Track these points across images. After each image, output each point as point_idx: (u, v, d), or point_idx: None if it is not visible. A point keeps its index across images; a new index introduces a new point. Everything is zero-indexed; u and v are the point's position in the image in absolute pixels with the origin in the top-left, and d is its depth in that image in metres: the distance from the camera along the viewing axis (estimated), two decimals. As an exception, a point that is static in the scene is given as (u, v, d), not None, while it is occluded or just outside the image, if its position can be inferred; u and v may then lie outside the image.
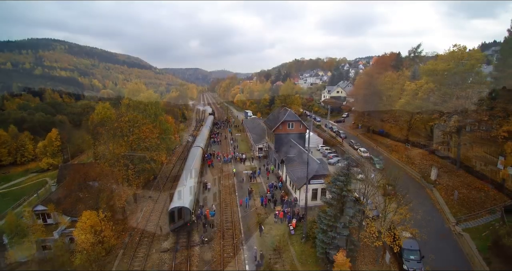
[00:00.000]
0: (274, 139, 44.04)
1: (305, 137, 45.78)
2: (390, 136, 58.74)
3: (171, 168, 47.96)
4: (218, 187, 38.78)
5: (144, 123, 32.32)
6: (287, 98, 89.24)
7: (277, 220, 28.53)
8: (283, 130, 43.79)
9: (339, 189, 20.64)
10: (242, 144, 64.51)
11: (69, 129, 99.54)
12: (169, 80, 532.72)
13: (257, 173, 42.54)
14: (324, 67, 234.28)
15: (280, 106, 48.61)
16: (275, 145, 44.33)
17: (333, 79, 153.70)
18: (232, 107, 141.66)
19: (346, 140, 61.57)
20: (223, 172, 45.41)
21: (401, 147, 52.37)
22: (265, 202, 32.43)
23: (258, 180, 40.97)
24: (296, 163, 36.12)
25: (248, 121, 78.17)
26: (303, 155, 36.44)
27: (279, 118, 44.74)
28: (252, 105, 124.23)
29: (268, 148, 50.89)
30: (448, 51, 41.05)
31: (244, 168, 46.73)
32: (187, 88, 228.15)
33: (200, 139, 54.71)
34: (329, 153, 53.33)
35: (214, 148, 61.17)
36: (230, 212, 31.40)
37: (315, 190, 31.88)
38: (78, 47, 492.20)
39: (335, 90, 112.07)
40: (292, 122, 43.80)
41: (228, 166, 48.26)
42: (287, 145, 43.35)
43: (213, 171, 45.54)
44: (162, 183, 41.28)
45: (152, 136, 32.87)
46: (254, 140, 54.09)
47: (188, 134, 78.84)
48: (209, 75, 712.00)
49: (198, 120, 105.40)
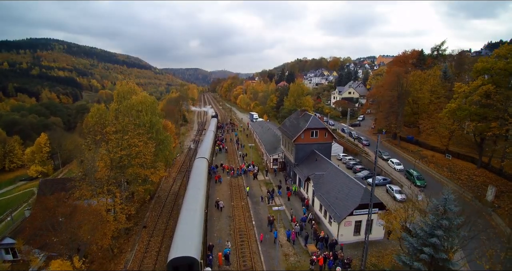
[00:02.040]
0: (295, 150, 36.68)
1: (330, 147, 38.46)
2: (422, 143, 51.35)
3: (171, 184, 40.60)
4: (230, 211, 31.42)
5: (137, 134, 25.06)
6: (297, 99, 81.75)
7: (314, 267, 21.14)
8: (306, 139, 36.45)
9: (432, 248, 13.18)
10: (251, 151, 57.23)
11: (61, 133, 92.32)
12: (169, 80, 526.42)
13: (277, 192, 35.17)
14: (328, 67, 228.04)
15: (300, 110, 41.22)
16: (296, 157, 36.99)
17: (341, 79, 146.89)
18: (235, 109, 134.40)
19: (370, 147, 54.23)
20: (233, 188, 38.06)
21: (439, 158, 44.97)
22: (293, 236, 25.09)
23: (276, 201, 33.62)
24: (328, 184, 28.76)
25: (255, 125, 70.82)
26: (338, 174, 29.10)
27: (300, 125, 37.39)
28: (257, 107, 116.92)
29: (284, 158, 43.55)
30: (506, 46, 33.85)
31: (258, 184, 39.40)
32: (187, 89, 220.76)
33: (204, 147, 47.26)
34: (354, 164, 46.00)
35: (220, 156, 53.86)
36: (248, 251, 24.03)
37: (359, 222, 24.56)
38: (77, 47, 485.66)
39: (346, 90, 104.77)
40: (316, 130, 36.43)
41: (238, 181, 40.92)
42: (312, 157, 36.00)
43: (222, 188, 38.19)
44: (160, 205, 33.92)
45: (146, 150, 25.61)
46: (267, 149, 46.72)
47: (190, 139, 71.51)
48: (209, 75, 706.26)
49: (200, 123, 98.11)
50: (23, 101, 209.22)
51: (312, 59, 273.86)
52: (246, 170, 42.87)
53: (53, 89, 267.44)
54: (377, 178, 40.15)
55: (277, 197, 34.55)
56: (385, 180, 39.85)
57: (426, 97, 55.09)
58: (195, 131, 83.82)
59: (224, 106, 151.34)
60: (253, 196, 35.28)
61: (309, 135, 36.42)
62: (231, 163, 50.23)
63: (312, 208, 30.66)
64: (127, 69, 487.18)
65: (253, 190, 37.34)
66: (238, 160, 51.56)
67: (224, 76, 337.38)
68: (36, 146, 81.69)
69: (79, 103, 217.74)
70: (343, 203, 25.03)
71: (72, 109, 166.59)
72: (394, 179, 40.03)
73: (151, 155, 27.31)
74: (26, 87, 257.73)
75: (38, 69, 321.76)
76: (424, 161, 45.83)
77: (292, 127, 39.93)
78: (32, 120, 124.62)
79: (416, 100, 56.25)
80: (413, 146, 52.56)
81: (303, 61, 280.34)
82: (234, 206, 32.53)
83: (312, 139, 36.67)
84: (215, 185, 39.15)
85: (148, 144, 26.60)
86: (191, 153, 55.83)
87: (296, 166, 36.94)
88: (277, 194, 34.89)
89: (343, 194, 25.95)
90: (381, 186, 38.73)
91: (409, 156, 48.32)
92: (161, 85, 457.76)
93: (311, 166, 34.34)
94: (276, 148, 45.36)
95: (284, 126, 43.30)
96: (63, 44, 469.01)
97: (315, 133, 36.59)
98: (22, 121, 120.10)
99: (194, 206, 24.37)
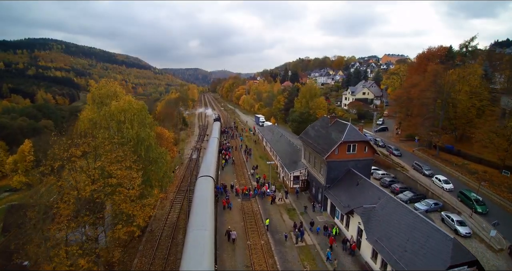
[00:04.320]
0: (326, 168, 28.57)
1: (371, 165, 30.38)
2: (467, 155, 43.27)
3: (168, 209, 32.41)
4: (247, 256, 23.34)
5: (115, 160, 17.09)
6: (309, 101, 73.65)
7: None
8: (340, 155, 28.34)
9: None
10: (262, 162, 49.16)
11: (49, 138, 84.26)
12: (169, 80, 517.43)
13: (307, 229, 26.97)
14: (333, 66, 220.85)
15: (330, 116, 33.04)
16: (327, 178, 28.90)
17: (349, 79, 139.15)
18: (238, 110, 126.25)
19: (402, 159, 46.09)
20: (246, 216, 29.95)
21: (494, 174, 36.88)
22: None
23: (307, 240, 25.50)
24: (385, 223, 20.62)
25: (264, 131, 62.68)
26: (398, 209, 20.94)
27: (333, 137, 29.28)
28: (263, 108, 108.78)
29: (307, 175, 35.42)
30: None
31: (277, 211, 31.24)
32: (187, 89, 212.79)
33: (208, 160, 38.49)
34: (391, 181, 37.85)
35: (227, 170, 45.68)
36: None
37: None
38: (75, 47, 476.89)
39: (360, 91, 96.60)
40: (354, 144, 28.30)
41: (252, 205, 32.80)
42: (349, 179, 27.91)
43: (233, 217, 30.06)
44: (154, 244, 25.79)
45: (130, 181, 17.65)
46: (285, 163, 38.51)
47: (191, 147, 63.38)
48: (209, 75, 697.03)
49: (202, 127, 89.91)
50: (17, 102, 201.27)
51: (315, 58, 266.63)
52: (264, 193, 34.67)
53: (49, 90, 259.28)
54: (427, 201, 32.11)
55: (306, 232, 26.45)
56: (437, 205, 31.78)
57: (466, 99, 47.12)
58: (196, 136, 75.67)
59: (226, 108, 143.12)
60: (274, 230, 27.14)
61: (344, 150, 28.30)
62: (240, 178, 42.12)
63: (359, 254, 22.57)
64: (126, 69, 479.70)
65: (273, 219, 29.21)
66: (248, 175, 43.44)
67: (224, 76, 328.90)
68: (20, 154, 73.80)
69: (75, 105, 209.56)
70: (419, 260, 16.93)
71: (66, 111, 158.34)
72: (446, 203, 32.00)
73: (137, 184, 19.21)
74: (21, 88, 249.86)
75: (34, 69, 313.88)
76: (473, 177, 37.78)
77: (320, 138, 31.78)
78: (21, 124, 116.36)
79: (455, 103, 48.24)
80: (455, 158, 44.43)
81: (305, 60, 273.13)
82: (251, 247, 24.42)
83: (348, 155, 28.55)
84: (223, 212, 31.01)
85: (133, 170, 18.57)
86: (192, 165, 47.72)
87: (328, 189, 28.82)
88: (308, 230, 26.72)
89: (416, 244, 17.85)
90: (433, 212, 30.80)
91: (455, 171, 40.24)
92: (161, 86, 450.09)
93: (351, 191, 26.24)
94: (296, 162, 37.23)
95: (307, 136, 35.16)
96: (61, 44, 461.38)
97: (353, 148, 28.46)
98: (10, 124, 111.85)
99: (200, 250, 16.40)
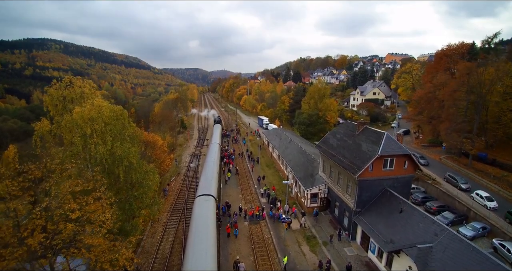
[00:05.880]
0: (358, 189, 22.74)
1: (410, 183, 24.55)
2: (505, 165, 37.50)
3: (159, 237, 26.52)
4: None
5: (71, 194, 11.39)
6: (318, 102, 67.90)
7: None
8: (375, 173, 22.52)
9: None
10: (269, 172, 43.47)
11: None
12: (168, 80, 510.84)
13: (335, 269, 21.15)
14: (335, 66, 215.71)
15: (358, 123, 27.14)
16: (359, 200, 23.08)
17: (355, 78, 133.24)
18: (240, 111, 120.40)
19: (429, 168, 40.29)
20: (256, 247, 24.16)
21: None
22: None
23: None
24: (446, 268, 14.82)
25: (270, 135, 56.83)
26: (465, 251, 15.09)
27: (364, 149, 23.44)
28: (266, 109, 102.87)
29: (327, 192, 29.59)
30: None
31: (294, 240, 25.36)
32: (186, 89, 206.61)
33: (208, 173, 32.31)
34: (424, 198, 32.04)
35: (231, 182, 39.78)
36: None
37: None
38: (74, 47, 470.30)
39: (370, 91, 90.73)
40: (393, 158, 22.48)
41: (262, 230, 26.97)
42: (387, 202, 22.06)
43: (241, 249, 24.23)
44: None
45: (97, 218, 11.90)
46: (299, 177, 32.59)
47: (189, 153, 57.56)
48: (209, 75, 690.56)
49: (201, 129, 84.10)
50: (12, 103, 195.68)
51: (316, 58, 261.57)
52: (278, 216, 28.73)
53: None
54: (473, 225, 26.28)
55: None
56: (485, 229, 26.01)
57: (501, 101, 41.51)
58: (195, 140, 69.85)
59: (226, 108, 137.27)
60: (293, 269, 21.32)
61: (380, 166, 22.47)
62: (246, 192, 36.32)
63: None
64: (125, 69, 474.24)
65: (291, 253, 23.37)
66: (255, 188, 37.63)
67: (225, 76, 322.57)
68: (4, 161, 68.06)
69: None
70: None
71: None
72: (493, 226, 26.24)
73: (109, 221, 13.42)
74: (17, 88, 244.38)
75: (31, 69, 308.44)
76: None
77: (345, 150, 25.93)
78: (12, 126, 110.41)
79: (487, 105, 42.63)
80: (491, 167, 38.66)
81: (307, 60, 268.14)
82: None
83: (385, 172, 22.75)
84: (227, 241, 25.14)
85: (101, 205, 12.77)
86: (190, 176, 41.91)
87: (360, 215, 22.98)
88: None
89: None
90: (479, 238, 25.17)
91: (493, 184, 34.37)
92: (160, 86, 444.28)
93: (393, 220, 20.39)
94: (313, 176, 31.34)
95: (327, 146, 29.31)
96: (60, 44, 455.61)
97: (390, 163, 22.66)
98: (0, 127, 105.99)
99: None
